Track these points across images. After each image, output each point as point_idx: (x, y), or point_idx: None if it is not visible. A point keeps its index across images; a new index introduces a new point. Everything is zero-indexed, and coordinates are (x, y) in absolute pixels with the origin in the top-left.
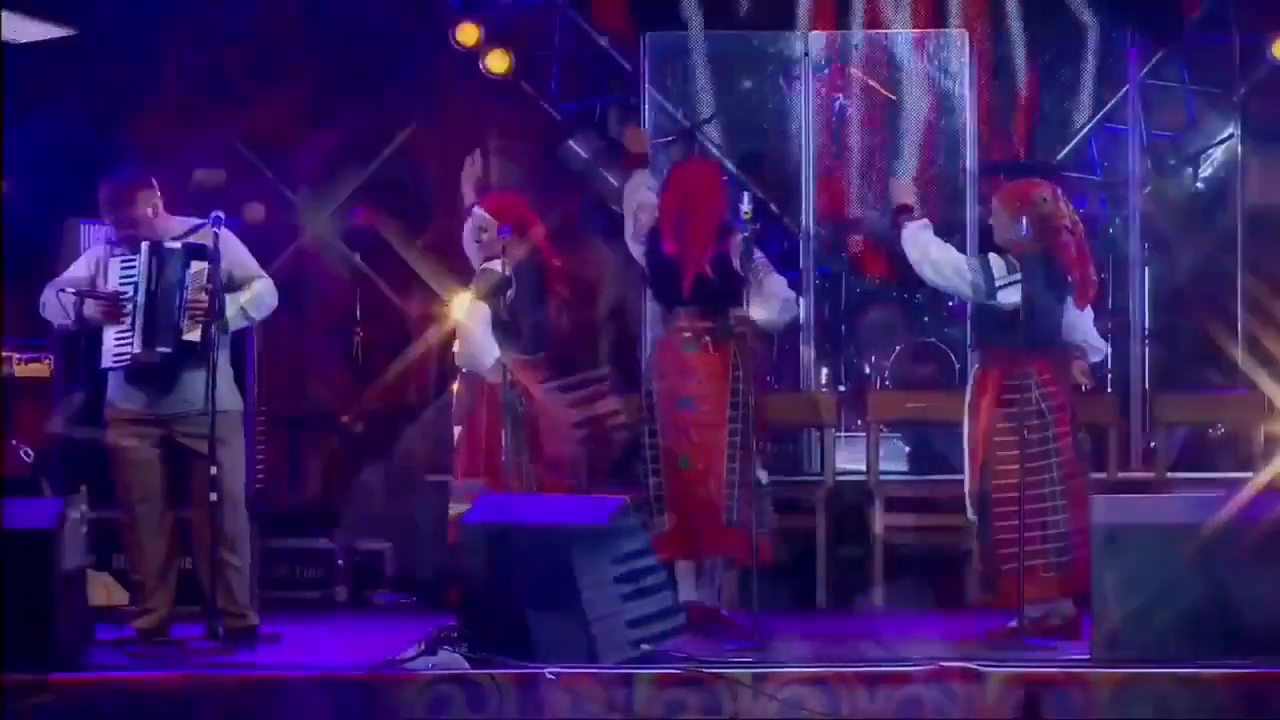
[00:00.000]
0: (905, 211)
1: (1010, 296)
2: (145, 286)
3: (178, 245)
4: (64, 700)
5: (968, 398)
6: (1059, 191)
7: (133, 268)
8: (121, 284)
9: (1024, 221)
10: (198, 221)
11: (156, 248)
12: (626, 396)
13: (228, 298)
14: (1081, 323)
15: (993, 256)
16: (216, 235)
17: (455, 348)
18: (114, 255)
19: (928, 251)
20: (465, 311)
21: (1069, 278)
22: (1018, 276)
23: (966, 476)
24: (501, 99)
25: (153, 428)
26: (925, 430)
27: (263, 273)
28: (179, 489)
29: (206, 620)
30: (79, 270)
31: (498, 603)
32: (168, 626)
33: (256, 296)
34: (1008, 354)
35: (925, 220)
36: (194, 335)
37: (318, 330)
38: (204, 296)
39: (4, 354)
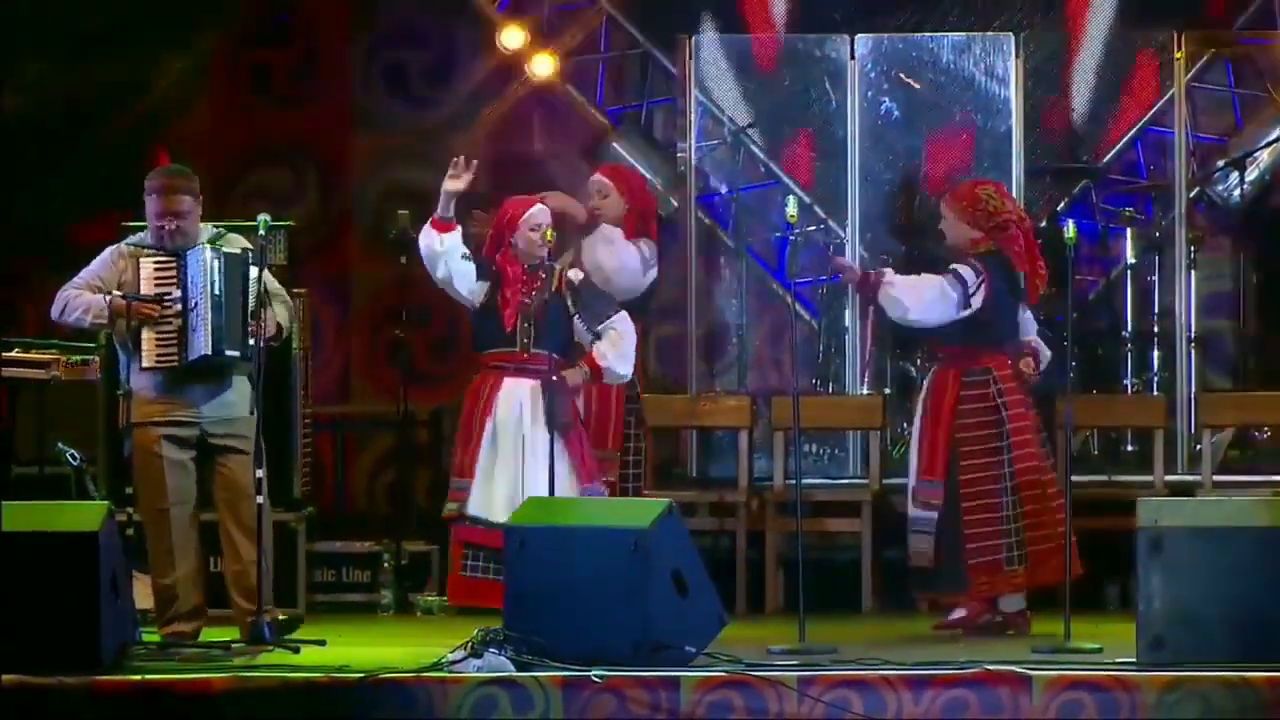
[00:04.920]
0: (865, 280)
1: (978, 300)
2: (209, 289)
3: (238, 250)
4: (110, 703)
5: (925, 399)
6: (1004, 188)
7: (171, 268)
8: (159, 285)
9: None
10: (219, 225)
11: (217, 251)
12: None
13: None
14: (1030, 321)
15: (960, 267)
16: (265, 242)
17: (621, 355)
18: (145, 255)
19: (913, 295)
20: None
21: (1020, 273)
22: (983, 278)
23: (913, 476)
24: (546, 103)
25: (188, 429)
26: None
27: (280, 286)
28: (202, 490)
29: (238, 623)
30: (104, 270)
31: (544, 605)
32: (201, 629)
33: (288, 314)
34: (965, 353)
35: (887, 271)
36: (253, 342)
37: (364, 332)
38: (259, 305)
39: (50, 356)
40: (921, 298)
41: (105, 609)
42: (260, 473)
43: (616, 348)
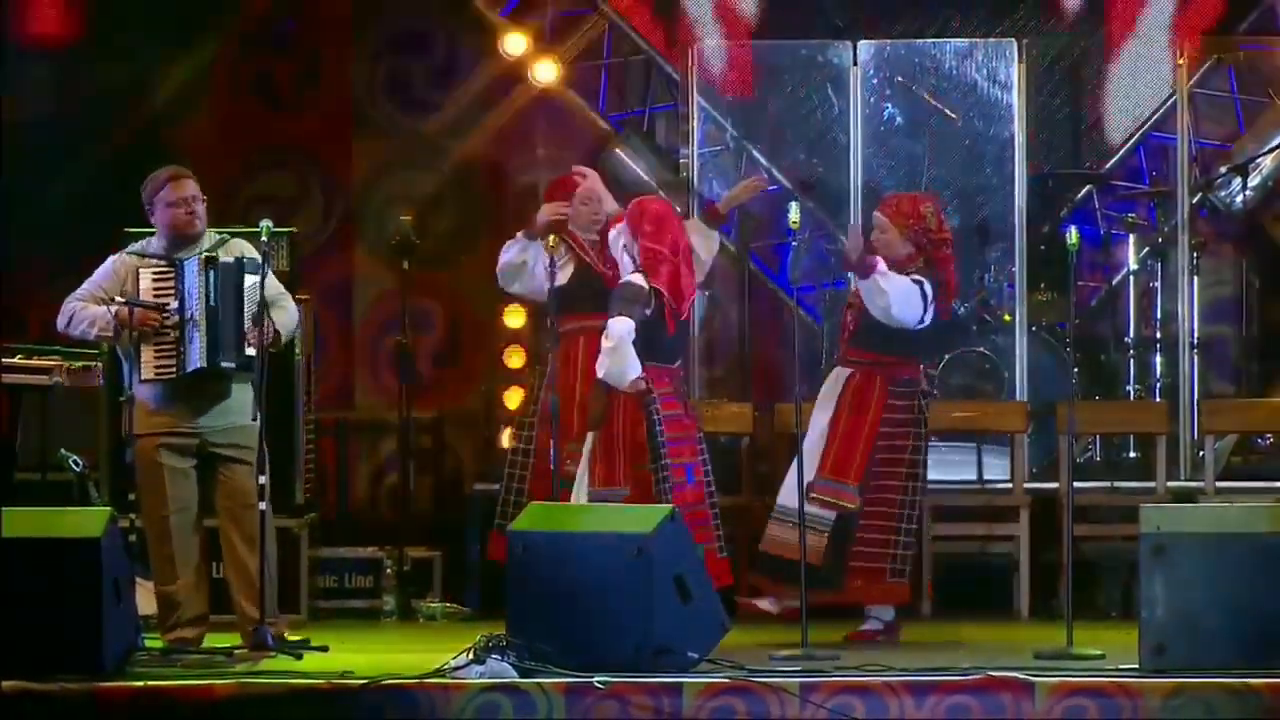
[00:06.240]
0: (862, 260)
1: (929, 315)
2: (205, 300)
3: (231, 260)
4: (112, 709)
5: (842, 398)
6: (939, 206)
7: (169, 278)
8: (158, 295)
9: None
10: (225, 231)
11: (211, 261)
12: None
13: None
14: None
15: (922, 280)
16: (267, 247)
17: (600, 361)
18: (145, 265)
19: (899, 291)
20: (617, 326)
21: (943, 290)
22: (934, 294)
23: (811, 471)
24: (549, 109)
25: (189, 438)
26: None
27: (285, 290)
28: (205, 497)
29: (240, 629)
30: (107, 280)
31: (546, 611)
32: (204, 636)
33: (290, 319)
34: (898, 363)
35: (880, 261)
36: (252, 351)
37: (366, 337)
38: (259, 312)
39: (53, 362)
40: (904, 296)
41: (107, 615)
42: (263, 479)
43: (602, 355)
